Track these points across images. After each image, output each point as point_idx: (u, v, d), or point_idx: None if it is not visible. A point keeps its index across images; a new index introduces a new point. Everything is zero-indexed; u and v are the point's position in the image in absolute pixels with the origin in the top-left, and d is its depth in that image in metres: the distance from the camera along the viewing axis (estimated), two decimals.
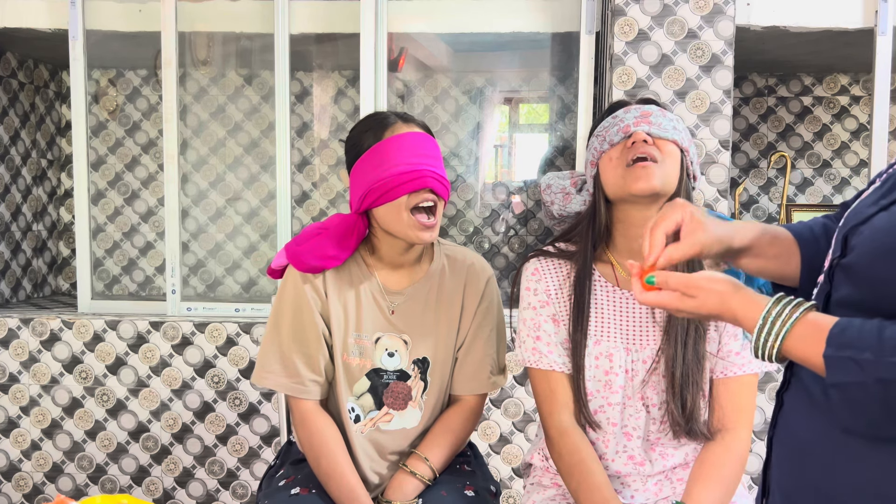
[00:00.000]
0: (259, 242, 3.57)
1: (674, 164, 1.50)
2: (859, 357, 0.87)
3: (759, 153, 3.56)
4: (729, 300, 1.02)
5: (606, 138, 1.53)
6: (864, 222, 0.97)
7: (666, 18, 2.60)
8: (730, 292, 1.02)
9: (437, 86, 3.53)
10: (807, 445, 0.97)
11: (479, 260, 1.74)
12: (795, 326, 0.95)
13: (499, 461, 2.80)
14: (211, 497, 2.88)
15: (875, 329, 0.88)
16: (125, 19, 3.00)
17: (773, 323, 0.96)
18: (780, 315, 0.96)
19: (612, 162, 1.51)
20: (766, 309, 0.98)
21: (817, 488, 0.96)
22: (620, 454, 1.56)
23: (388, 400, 1.65)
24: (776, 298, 0.98)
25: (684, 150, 1.52)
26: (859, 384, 0.88)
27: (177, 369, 2.84)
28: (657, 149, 1.48)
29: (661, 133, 1.49)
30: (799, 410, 1.01)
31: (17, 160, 3.32)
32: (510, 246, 3.53)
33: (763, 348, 0.98)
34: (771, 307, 0.97)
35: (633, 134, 1.49)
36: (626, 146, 1.49)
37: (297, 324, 1.62)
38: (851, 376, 0.88)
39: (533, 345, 1.58)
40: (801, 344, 0.95)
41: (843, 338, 0.90)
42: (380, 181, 1.54)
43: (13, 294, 3.33)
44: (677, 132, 1.52)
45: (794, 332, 0.95)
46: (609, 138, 1.52)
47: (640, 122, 1.50)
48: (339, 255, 1.60)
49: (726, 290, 1.02)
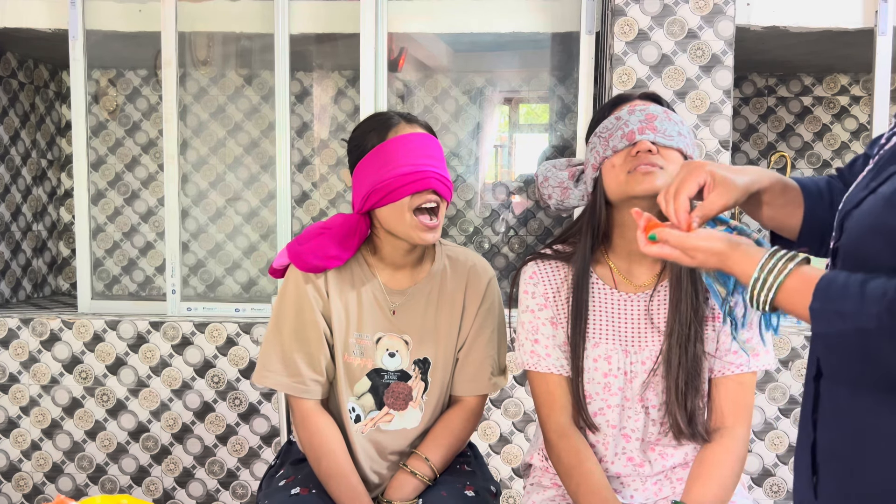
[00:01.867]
0: (259, 242, 3.57)
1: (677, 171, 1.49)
2: (842, 308, 0.93)
3: (759, 153, 3.56)
4: (727, 259, 1.08)
5: (610, 143, 1.50)
6: (857, 206, 1.02)
7: (666, 18, 2.60)
8: (727, 251, 1.08)
9: (437, 86, 3.53)
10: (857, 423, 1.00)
11: (480, 261, 1.74)
12: (787, 279, 1.01)
13: (499, 461, 2.80)
14: (211, 497, 2.88)
15: (858, 283, 0.93)
16: (125, 19, 3.00)
17: (767, 276, 1.02)
18: (774, 268, 1.02)
19: (614, 169, 1.49)
20: (760, 262, 1.03)
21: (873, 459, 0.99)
22: (619, 456, 1.56)
23: (389, 400, 1.65)
24: (770, 252, 1.04)
25: (688, 157, 1.50)
26: (841, 334, 0.93)
27: (177, 369, 2.84)
28: (661, 157, 1.46)
29: (666, 142, 1.47)
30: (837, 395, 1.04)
31: (17, 160, 3.32)
32: (510, 246, 3.53)
33: (757, 300, 1.04)
34: (765, 261, 1.03)
35: (638, 143, 1.46)
36: (630, 154, 1.47)
37: (298, 323, 1.61)
38: (834, 327, 0.94)
39: (531, 348, 1.57)
40: (791, 297, 1.01)
41: (829, 291, 0.95)
42: (383, 182, 1.54)
43: (13, 294, 3.33)
44: (682, 138, 1.49)
45: (786, 285, 1.01)
46: (612, 144, 1.49)
47: (644, 129, 1.47)
48: (341, 256, 1.60)
49: (724, 250, 1.08)
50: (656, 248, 1.15)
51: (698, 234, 1.11)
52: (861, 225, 0.99)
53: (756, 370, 1.53)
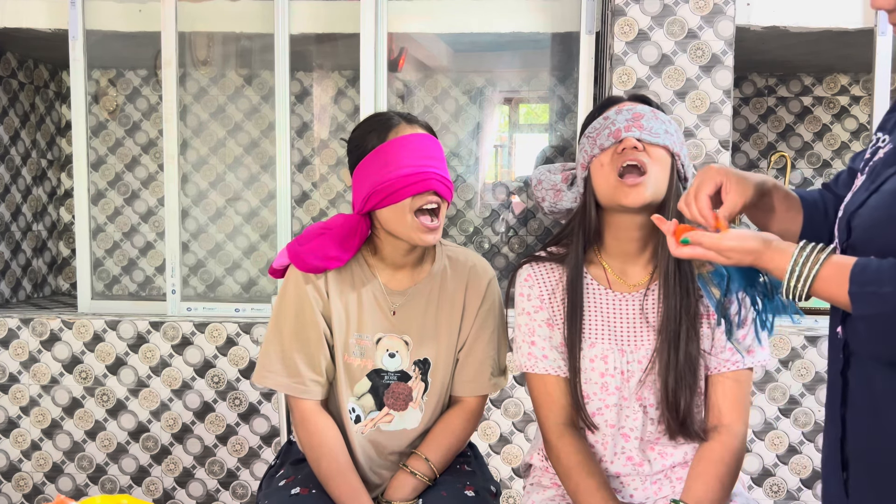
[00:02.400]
0: (259, 242, 3.57)
1: (663, 170, 1.49)
2: (881, 290, 0.98)
3: (759, 153, 3.57)
4: (761, 255, 1.13)
5: (597, 142, 1.52)
6: (861, 206, 1.09)
7: (666, 18, 2.60)
8: (761, 248, 1.13)
9: (437, 86, 3.53)
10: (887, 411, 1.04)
11: (480, 261, 1.74)
12: (823, 268, 1.06)
13: (499, 461, 2.80)
14: (211, 497, 2.88)
15: (891, 266, 0.99)
16: (125, 19, 3.00)
17: (802, 268, 1.08)
18: (808, 260, 1.08)
19: (603, 168, 1.50)
20: (793, 256, 1.09)
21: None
22: (619, 455, 1.57)
23: (389, 401, 1.65)
24: (801, 246, 1.09)
25: (675, 155, 1.51)
26: (883, 315, 0.98)
27: (177, 369, 2.84)
28: (647, 155, 1.47)
29: (652, 139, 1.48)
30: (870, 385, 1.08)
31: (17, 160, 3.32)
32: (510, 246, 3.53)
33: (794, 290, 1.09)
34: (797, 254, 1.08)
35: (624, 140, 1.48)
36: (617, 151, 1.48)
37: (298, 323, 1.61)
38: (876, 308, 0.99)
39: (528, 350, 1.58)
40: (827, 284, 1.06)
41: (865, 275, 1.01)
42: (384, 183, 1.54)
43: (13, 294, 3.33)
44: (668, 136, 1.50)
45: (822, 274, 1.06)
46: (600, 142, 1.51)
47: (630, 127, 1.49)
48: (342, 256, 1.60)
49: (757, 247, 1.13)
50: (689, 250, 1.20)
51: (731, 235, 1.16)
52: (872, 218, 1.05)
53: (753, 366, 1.53)
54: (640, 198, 1.45)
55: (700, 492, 1.45)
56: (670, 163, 1.51)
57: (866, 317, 1.00)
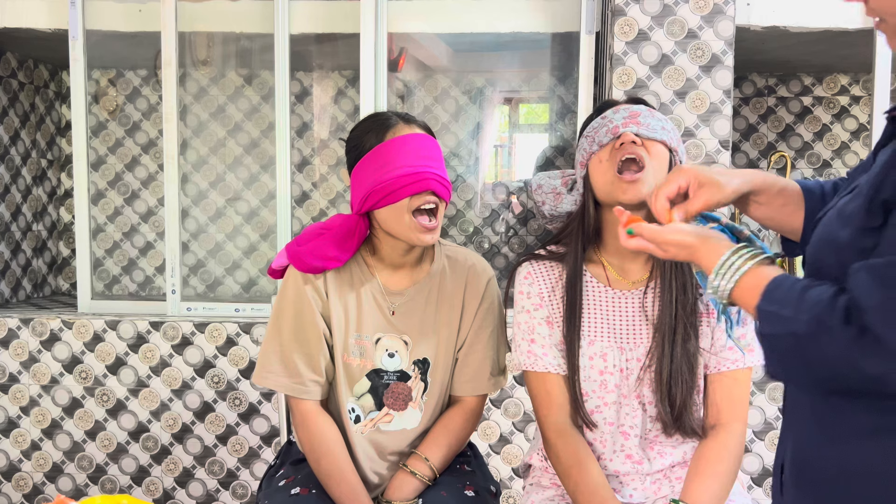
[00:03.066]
0: (259, 242, 3.57)
1: (661, 165, 1.51)
2: (781, 312, 0.96)
3: (759, 153, 3.57)
4: (695, 251, 1.13)
5: (595, 139, 1.54)
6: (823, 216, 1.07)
7: (666, 18, 2.60)
8: (696, 244, 1.13)
9: (437, 86, 3.53)
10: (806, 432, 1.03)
11: (479, 261, 1.74)
12: (744, 276, 1.05)
13: (499, 461, 2.80)
14: (211, 497, 2.88)
15: (801, 288, 0.97)
16: (125, 19, 3.00)
17: (727, 270, 1.06)
18: (734, 264, 1.06)
19: (601, 164, 1.52)
20: (723, 257, 1.07)
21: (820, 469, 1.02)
22: (618, 453, 1.57)
23: (389, 400, 1.65)
24: (735, 248, 1.08)
25: (673, 150, 1.53)
26: (779, 336, 0.96)
27: (177, 369, 2.84)
28: (645, 150, 1.49)
29: (650, 134, 1.50)
30: (802, 404, 1.06)
31: (17, 160, 3.32)
32: (510, 246, 3.53)
33: (716, 291, 1.08)
34: (728, 256, 1.07)
35: (622, 135, 1.50)
36: (615, 147, 1.50)
37: (297, 324, 1.62)
38: (774, 329, 0.97)
39: (528, 348, 1.58)
40: (745, 293, 1.04)
41: (775, 294, 0.99)
42: (382, 183, 1.54)
43: (13, 294, 3.33)
44: (665, 132, 1.53)
45: (742, 282, 1.05)
46: (598, 139, 1.54)
47: (628, 123, 1.51)
48: (341, 257, 1.60)
49: (692, 243, 1.13)
50: (634, 241, 1.21)
51: (670, 229, 1.17)
52: (818, 235, 1.03)
53: (752, 366, 1.54)
54: (638, 194, 1.46)
55: (699, 491, 1.46)
56: (668, 158, 1.52)
57: (765, 336, 0.98)
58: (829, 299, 0.92)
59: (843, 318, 0.90)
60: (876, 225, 0.92)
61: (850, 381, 0.92)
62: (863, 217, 0.93)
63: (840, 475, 0.98)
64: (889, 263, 0.88)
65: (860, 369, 0.89)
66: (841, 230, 0.97)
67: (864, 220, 0.93)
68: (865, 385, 0.92)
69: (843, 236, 0.96)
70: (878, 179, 0.93)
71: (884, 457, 0.94)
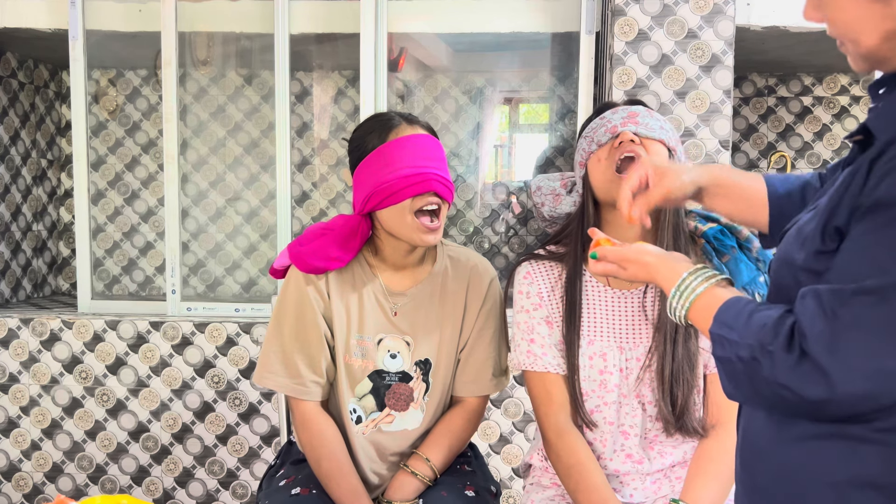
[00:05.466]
0: (259, 242, 3.57)
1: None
2: (729, 336, 0.97)
3: (759, 153, 3.57)
4: (654, 271, 1.15)
5: (594, 139, 1.55)
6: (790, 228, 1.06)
7: (666, 18, 2.60)
8: (654, 264, 1.15)
9: (437, 86, 3.53)
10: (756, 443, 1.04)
11: (482, 261, 1.74)
12: (699, 298, 1.06)
13: (499, 461, 2.80)
14: (211, 497, 2.88)
15: (748, 312, 0.97)
16: (125, 19, 3.00)
17: (684, 292, 1.08)
18: (690, 285, 1.07)
19: (600, 163, 1.54)
20: (681, 278, 1.09)
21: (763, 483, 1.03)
22: (618, 453, 1.57)
23: (390, 401, 1.65)
24: (693, 269, 1.09)
25: (671, 150, 1.54)
26: (730, 360, 0.96)
27: (177, 369, 2.84)
28: (644, 148, 1.50)
29: (648, 133, 1.52)
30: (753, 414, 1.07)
31: (17, 160, 3.32)
32: (510, 246, 3.53)
33: (674, 312, 1.09)
34: (686, 277, 1.08)
35: (621, 134, 1.51)
36: (614, 146, 1.52)
37: (299, 325, 1.61)
38: (724, 351, 0.97)
39: (528, 347, 1.58)
40: (699, 315, 1.06)
41: (725, 316, 0.99)
42: (384, 184, 1.53)
43: (13, 294, 3.33)
44: (664, 132, 1.54)
45: (697, 303, 1.06)
46: (597, 139, 1.55)
47: (627, 123, 1.53)
48: (343, 257, 1.60)
49: (652, 262, 1.15)
50: (600, 266, 1.23)
51: (633, 249, 1.19)
52: (779, 254, 1.04)
53: None
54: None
55: (699, 490, 1.46)
56: (667, 158, 1.52)
57: (716, 358, 0.99)
58: (773, 323, 0.92)
59: (786, 344, 0.90)
60: (830, 250, 0.92)
61: (792, 406, 0.92)
62: (817, 241, 0.93)
63: (782, 476, 0.99)
64: (835, 291, 0.88)
65: (800, 395, 0.89)
66: (798, 251, 0.97)
67: (819, 244, 0.93)
68: (807, 412, 0.92)
69: (798, 258, 0.97)
70: (833, 205, 0.93)
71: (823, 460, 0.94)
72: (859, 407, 0.88)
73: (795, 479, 0.97)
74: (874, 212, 0.86)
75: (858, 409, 0.89)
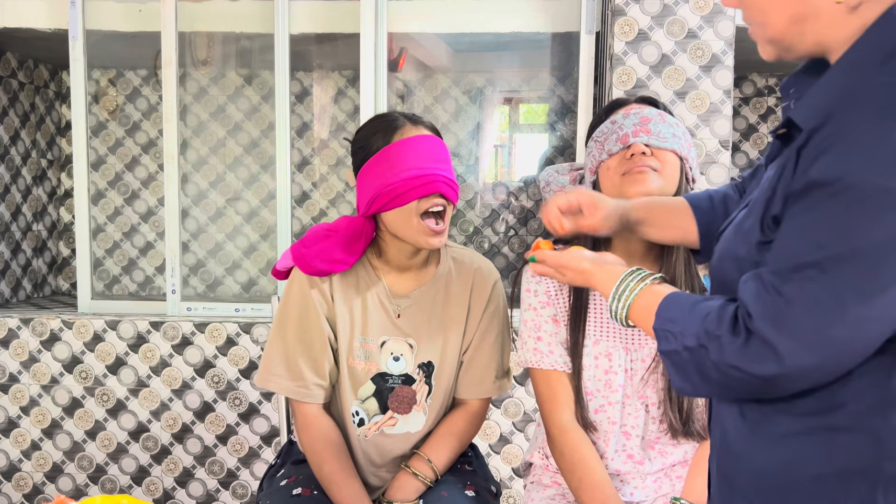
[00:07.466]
0: (259, 242, 3.57)
1: (673, 172, 1.50)
2: (672, 329, 0.99)
3: (759, 153, 3.57)
4: (591, 277, 1.18)
5: (605, 147, 1.53)
6: (724, 230, 1.09)
7: (666, 18, 2.60)
8: (591, 270, 1.18)
9: (437, 86, 3.53)
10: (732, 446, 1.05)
11: (485, 263, 1.74)
12: (638, 297, 1.09)
13: (499, 461, 2.80)
14: (211, 497, 2.88)
15: (690, 303, 1.00)
16: (125, 19, 3.00)
17: (623, 293, 1.10)
18: (628, 286, 1.10)
19: (609, 171, 1.52)
20: (618, 280, 1.12)
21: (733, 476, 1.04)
22: (620, 453, 1.57)
23: (393, 404, 1.64)
24: (628, 272, 1.12)
25: (683, 159, 1.52)
26: (674, 352, 0.98)
27: (177, 369, 2.84)
28: (656, 159, 1.48)
29: (661, 143, 1.49)
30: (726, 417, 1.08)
31: (17, 160, 3.32)
32: (510, 246, 3.53)
33: (615, 315, 1.12)
34: (623, 279, 1.11)
35: (632, 146, 1.49)
36: (625, 157, 1.49)
37: (302, 327, 1.61)
38: (669, 345, 0.99)
39: (534, 345, 1.58)
40: (640, 314, 1.08)
41: (667, 311, 1.02)
42: (389, 186, 1.52)
43: (13, 294, 3.33)
44: (676, 140, 1.51)
45: (637, 303, 1.09)
46: (608, 148, 1.52)
47: (638, 132, 1.49)
48: (347, 260, 1.59)
49: (588, 268, 1.19)
50: (539, 267, 1.27)
51: (570, 255, 1.22)
52: (719, 251, 1.06)
53: None
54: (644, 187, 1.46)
55: (700, 489, 1.46)
56: (679, 165, 1.51)
57: (663, 353, 1.00)
58: (717, 310, 0.95)
59: (731, 327, 0.92)
60: (770, 240, 0.94)
61: (743, 387, 0.94)
62: (757, 232, 0.96)
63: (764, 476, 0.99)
64: (775, 271, 0.90)
65: (751, 374, 0.91)
66: (739, 246, 1.00)
67: (759, 236, 0.96)
68: (759, 391, 0.94)
69: (741, 251, 0.99)
70: (767, 196, 0.95)
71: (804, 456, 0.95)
72: (810, 379, 0.91)
73: (778, 478, 0.98)
74: (806, 193, 0.89)
75: (809, 381, 0.91)
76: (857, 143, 0.86)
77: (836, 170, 0.86)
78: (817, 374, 0.90)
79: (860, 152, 0.85)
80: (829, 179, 0.86)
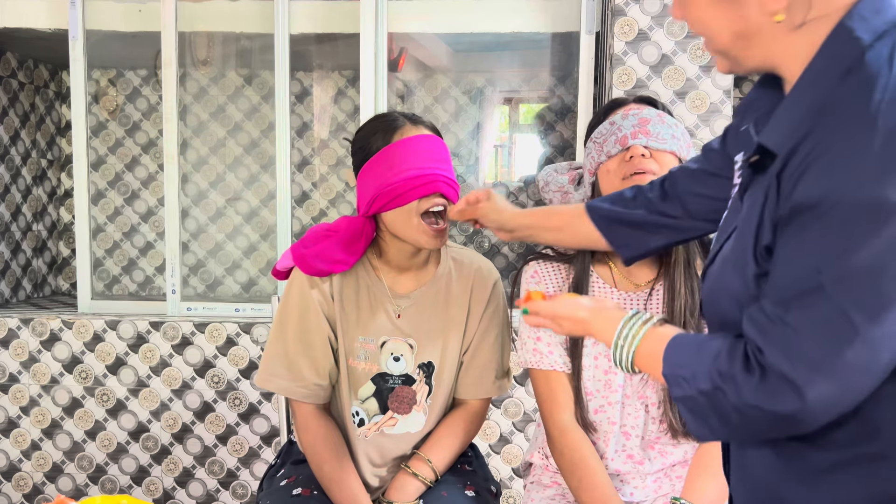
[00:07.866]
0: (259, 242, 3.57)
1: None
2: (684, 374, 0.95)
3: None
4: (589, 326, 1.14)
5: (604, 149, 1.52)
6: (712, 263, 1.05)
7: (666, 18, 2.60)
8: (589, 319, 1.13)
9: (437, 86, 3.53)
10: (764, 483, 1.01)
11: (485, 263, 1.74)
12: (642, 343, 1.05)
13: (499, 461, 2.80)
14: (211, 497, 2.88)
15: (696, 345, 0.97)
16: (125, 19, 3.00)
17: (624, 342, 1.06)
18: (630, 332, 1.06)
19: (609, 174, 1.52)
20: (618, 328, 1.07)
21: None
22: (619, 453, 1.57)
23: (393, 404, 1.64)
24: (628, 317, 1.08)
25: (682, 160, 1.52)
26: (689, 398, 0.95)
27: (177, 369, 2.84)
28: (655, 161, 1.48)
29: (660, 145, 1.49)
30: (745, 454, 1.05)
31: (17, 160, 3.32)
32: (510, 246, 3.53)
33: (619, 362, 1.08)
34: (622, 327, 1.07)
35: (631, 148, 1.48)
36: (624, 159, 1.49)
37: (302, 327, 1.60)
38: (682, 391, 0.95)
39: (534, 345, 1.58)
40: (646, 361, 1.04)
41: (674, 356, 0.98)
42: (390, 186, 1.52)
43: (13, 294, 3.33)
44: (675, 141, 1.51)
45: (641, 349, 1.05)
46: (607, 149, 1.52)
47: (637, 133, 1.49)
48: (348, 260, 1.59)
49: (586, 318, 1.14)
50: (533, 319, 1.22)
51: (565, 303, 1.17)
52: (710, 288, 1.03)
53: None
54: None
55: (700, 489, 1.47)
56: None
57: (677, 399, 0.96)
58: (727, 350, 0.92)
59: (743, 366, 0.89)
60: (766, 271, 0.92)
61: (764, 427, 0.91)
62: (752, 265, 0.93)
63: None
64: (776, 302, 0.88)
65: (772, 412, 0.87)
66: (732, 281, 0.97)
67: (755, 268, 0.93)
68: (779, 429, 0.90)
69: (735, 286, 0.96)
70: (755, 226, 0.93)
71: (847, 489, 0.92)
72: (831, 411, 0.87)
73: None
74: (793, 218, 0.87)
75: (830, 413, 0.87)
76: (837, 157, 0.84)
77: (819, 189, 0.84)
78: (837, 403, 0.86)
79: (842, 166, 0.83)
80: (813, 200, 0.84)
